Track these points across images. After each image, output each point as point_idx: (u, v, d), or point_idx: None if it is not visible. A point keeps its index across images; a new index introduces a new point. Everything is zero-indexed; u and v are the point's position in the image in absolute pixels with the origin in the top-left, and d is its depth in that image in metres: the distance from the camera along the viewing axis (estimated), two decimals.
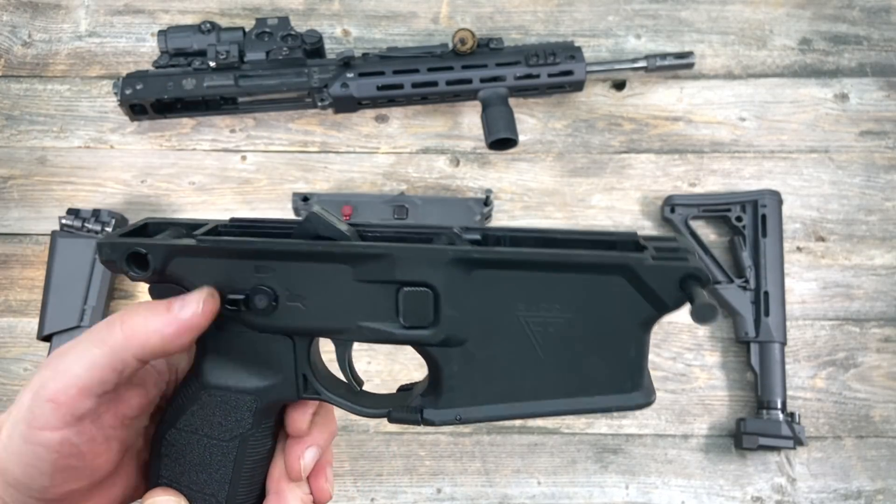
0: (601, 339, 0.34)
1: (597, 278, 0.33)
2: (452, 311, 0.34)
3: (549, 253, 0.33)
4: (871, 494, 0.87)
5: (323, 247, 0.34)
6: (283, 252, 0.34)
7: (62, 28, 1.03)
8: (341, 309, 0.35)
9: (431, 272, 0.34)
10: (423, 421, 0.36)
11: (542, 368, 0.35)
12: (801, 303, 0.92)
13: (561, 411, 0.36)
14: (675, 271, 0.32)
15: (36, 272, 0.92)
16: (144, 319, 0.34)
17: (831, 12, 1.04)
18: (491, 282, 0.34)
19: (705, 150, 0.98)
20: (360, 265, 0.34)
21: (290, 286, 0.35)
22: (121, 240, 0.35)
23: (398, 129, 0.99)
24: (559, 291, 0.33)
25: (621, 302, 0.33)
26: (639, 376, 0.35)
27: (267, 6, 1.04)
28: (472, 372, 0.35)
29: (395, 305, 0.35)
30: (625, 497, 0.87)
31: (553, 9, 1.04)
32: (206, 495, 0.38)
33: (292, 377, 0.37)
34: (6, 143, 0.98)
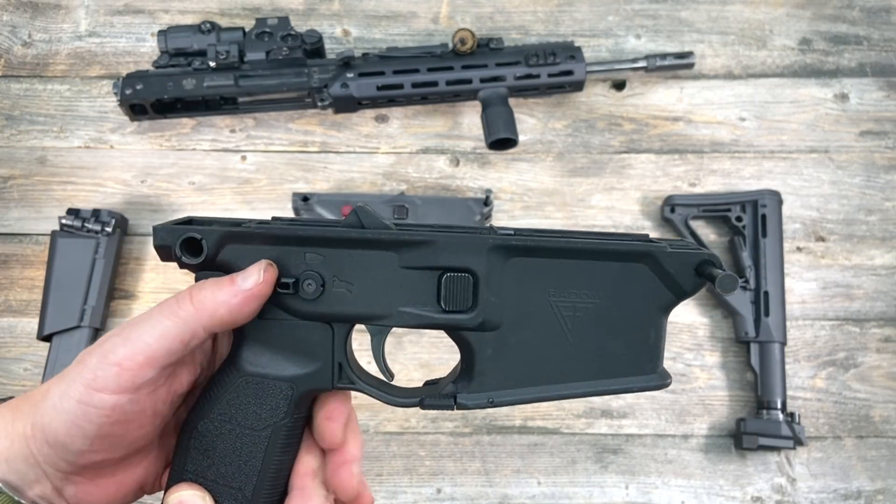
0: (624, 324, 0.37)
1: (622, 266, 0.36)
2: (490, 296, 0.36)
3: (580, 241, 0.36)
4: (870, 494, 0.87)
5: (373, 234, 0.36)
6: (335, 239, 0.36)
7: (62, 28, 1.03)
8: (385, 294, 0.37)
9: (472, 258, 0.36)
10: (457, 405, 0.38)
11: (570, 352, 0.37)
12: (801, 303, 0.92)
13: (586, 393, 0.38)
14: (693, 258, 0.36)
15: (36, 272, 0.92)
16: (212, 293, 0.35)
17: (831, 12, 1.04)
18: (526, 268, 0.36)
19: (705, 150, 0.98)
20: (407, 252, 0.36)
21: (337, 272, 0.36)
22: (176, 226, 0.36)
23: (398, 129, 0.99)
24: (588, 278, 0.36)
25: (643, 288, 0.36)
26: (657, 359, 0.38)
27: (267, 6, 1.04)
28: (504, 356, 0.37)
29: (436, 290, 0.36)
30: (625, 497, 0.87)
31: (553, 9, 1.04)
32: (232, 489, 0.38)
33: (329, 365, 0.38)
34: (6, 143, 0.98)
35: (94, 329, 0.87)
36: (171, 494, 0.38)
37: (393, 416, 0.89)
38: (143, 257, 0.93)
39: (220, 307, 0.35)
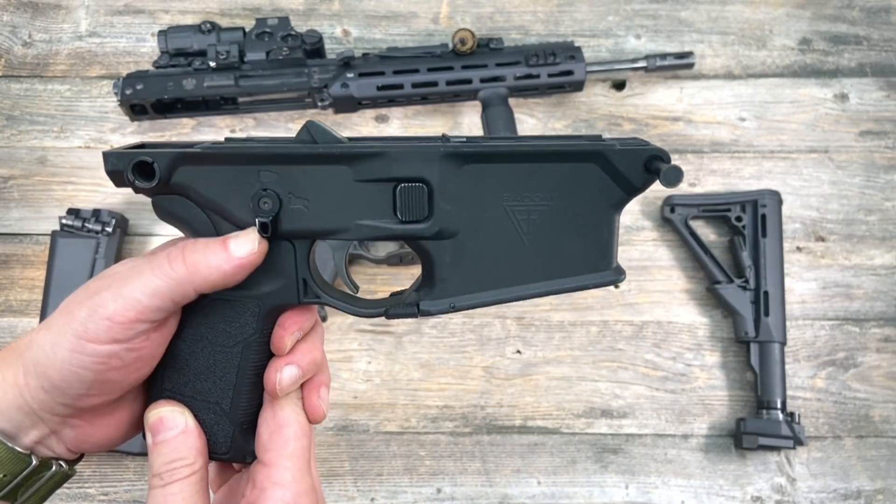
0: (578, 223, 0.38)
1: (573, 166, 0.37)
2: (445, 204, 0.37)
3: (531, 144, 0.37)
4: (870, 494, 0.87)
5: (324, 148, 0.36)
6: (287, 155, 0.36)
7: (62, 28, 1.03)
8: (342, 209, 0.37)
9: (425, 167, 0.36)
10: (420, 312, 0.39)
11: (527, 254, 0.38)
12: (801, 303, 0.92)
13: (544, 292, 0.39)
14: (641, 153, 0.37)
15: (36, 272, 0.92)
16: (204, 256, 0.36)
17: (831, 12, 1.04)
18: (479, 175, 0.37)
19: (705, 150, 0.98)
20: (359, 165, 0.36)
21: (293, 189, 0.36)
22: (126, 150, 0.36)
23: (398, 129, 0.99)
24: (540, 180, 0.37)
25: (595, 187, 0.37)
26: (611, 255, 0.40)
27: (267, 6, 1.04)
28: (463, 262, 0.38)
29: (391, 202, 0.37)
30: (625, 497, 0.87)
31: (553, 9, 1.04)
32: (210, 403, 0.39)
33: (294, 281, 0.39)
34: (6, 143, 0.98)
35: None
36: (149, 412, 0.39)
37: (393, 416, 0.89)
38: None
39: (212, 272, 0.36)
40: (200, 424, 0.39)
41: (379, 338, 0.91)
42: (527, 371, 0.90)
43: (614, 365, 0.91)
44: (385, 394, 0.89)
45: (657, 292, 0.93)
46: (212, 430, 0.39)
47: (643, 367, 0.91)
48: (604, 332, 0.91)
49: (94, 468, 0.87)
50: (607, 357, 0.91)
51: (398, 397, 0.89)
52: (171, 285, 0.35)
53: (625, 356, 0.91)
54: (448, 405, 0.89)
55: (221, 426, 0.39)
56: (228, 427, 0.40)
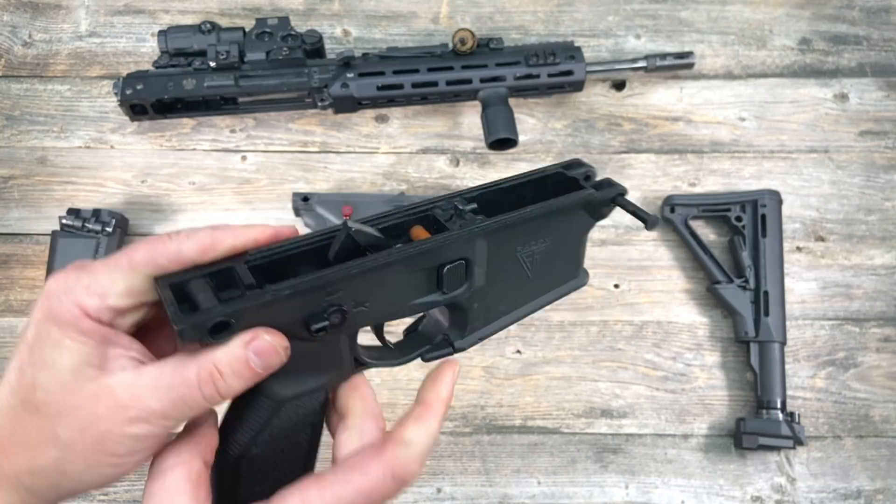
0: (564, 249, 0.46)
1: (568, 213, 0.45)
2: (478, 269, 0.42)
3: (543, 208, 0.43)
4: (870, 494, 0.87)
5: (385, 259, 0.38)
6: (352, 275, 0.37)
7: (62, 28, 1.03)
8: (397, 298, 0.41)
9: (465, 249, 0.41)
10: (455, 350, 0.44)
11: (530, 283, 0.46)
12: (801, 303, 0.92)
13: (538, 307, 0.48)
14: (610, 193, 0.45)
15: (36, 272, 0.92)
16: (238, 388, 0.35)
17: (831, 12, 1.04)
18: (501, 238, 0.42)
19: (705, 150, 0.98)
20: (414, 262, 0.39)
21: (356, 297, 0.39)
22: (198, 318, 0.34)
23: (398, 129, 0.99)
24: (544, 229, 0.44)
25: (576, 222, 0.46)
26: (581, 264, 0.49)
27: (267, 6, 1.04)
28: (486, 304, 0.44)
29: (437, 280, 0.41)
30: (625, 497, 0.87)
31: (553, 9, 1.04)
32: (282, 484, 0.39)
33: (350, 361, 0.41)
34: (7, 143, 0.98)
35: None
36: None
37: (393, 416, 0.89)
38: None
39: (242, 390, 0.36)
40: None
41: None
42: (527, 371, 0.90)
43: (614, 365, 0.91)
44: (385, 394, 0.89)
45: (657, 292, 0.93)
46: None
47: (643, 367, 0.91)
48: (604, 332, 0.91)
49: None
50: (607, 357, 0.91)
51: (398, 397, 0.89)
52: (202, 407, 0.35)
53: (625, 356, 0.91)
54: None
55: None
56: None
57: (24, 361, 0.34)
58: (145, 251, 0.35)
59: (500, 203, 0.44)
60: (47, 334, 0.34)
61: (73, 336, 0.34)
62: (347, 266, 0.37)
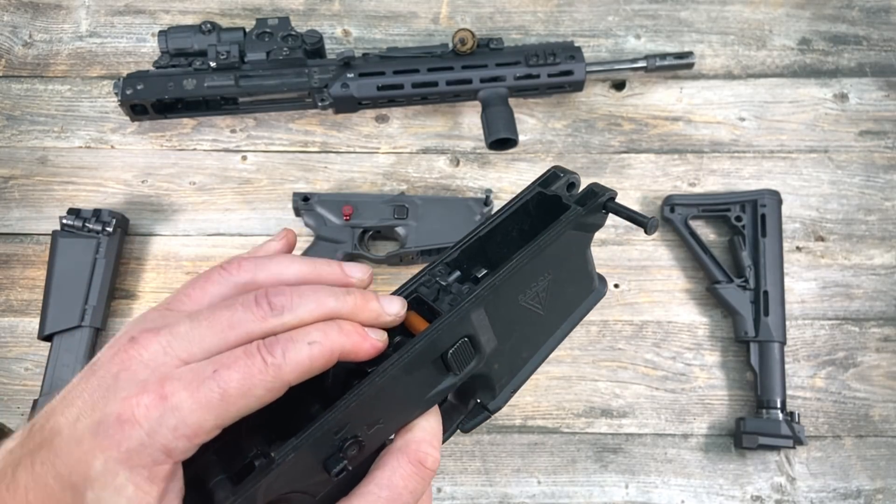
0: (569, 273, 0.43)
1: (559, 240, 0.41)
2: (485, 337, 0.39)
3: (530, 251, 0.40)
4: (870, 494, 0.87)
5: (383, 378, 0.35)
6: (354, 407, 0.34)
7: (63, 28, 1.03)
8: (409, 401, 0.38)
9: (462, 327, 0.38)
10: (492, 412, 0.43)
11: (545, 320, 0.43)
12: (801, 302, 0.92)
13: (565, 335, 0.44)
14: (599, 206, 0.42)
15: (37, 272, 0.92)
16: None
17: (831, 12, 1.04)
18: (497, 297, 0.39)
19: (705, 150, 0.98)
20: (412, 367, 0.36)
21: (367, 422, 0.36)
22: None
23: (398, 129, 0.99)
24: (539, 267, 0.41)
25: (572, 243, 0.42)
26: (593, 277, 0.45)
27: (267, 6, 1.05)
28: (506, 359, 0.42)
29: (444, 366, 0.38)
30: (625, 496, 0.87)
31: (553, 9, 1.04)
32: None
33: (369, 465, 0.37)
34: (7, 144, 0.98)
35: (95, 329, 0.87)
36: None
37: None
38: (143, 257, 0.94)
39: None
40: None
41: None
42: None
43: (614, 364, 0.91)
44: None
45: (657, 292, 0.93)
46: None
47: (643, 367, 0.91)
48: (604, 332, 0.91)
49: None
50: (607, 357, 0.91)
51: None
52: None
53: (625, 356, 0.91)
54: None
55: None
56: None
57: (78, 485, 0.29)
58: (239, 382, 0.30)
59: (485, 250, 0.41)
60: (113, 476, 0.29)
61: (141, 484, 0.29)
62: (345, 402, 0.34)
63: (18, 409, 0.87)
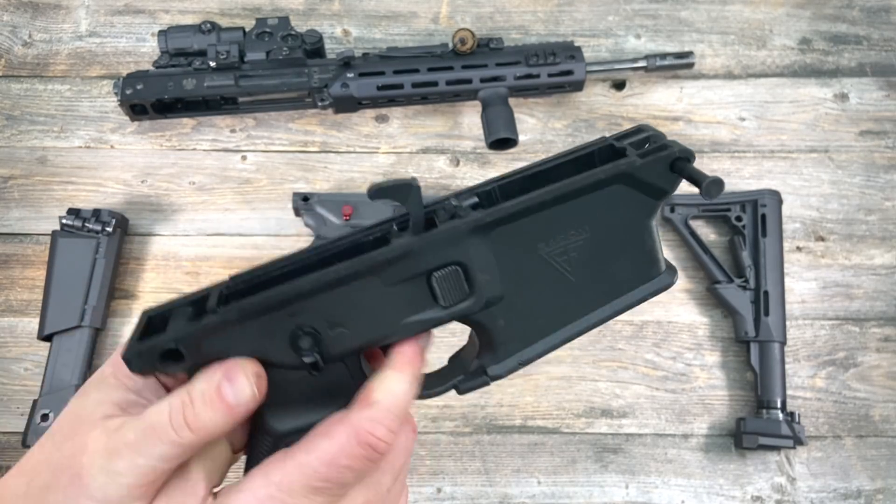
0: (618, 243, 0.37)
1: (599, 194, 0.35)
2: (483, 276, 0.35)
3: (550, 190, 0.35)
4: (870, 494, 0.87)
5: (346, 269, 0.33)
6: (310, 291, 0.33)
7: (62, 28, 1.03)
8: (382, 317, 0.35)
9: (454, 250, 0.34)
10: (491, 378, 0.38)
11: (577, 289, 0.37)
12: (801, 302, 0.92)
13: (605, 318, 0.38)
14: (665, 160, 0.35)
15: (36, 272, 0.92)
16: (210, 417, 0.33)
17: (831, 12, 1.04)
18: (508, 235, 0.35)
19: (705, 150, 0.98)
20: (386, 271, 0.34)
21: (328, 317, 0.34)
22: (145, 345, 0.33)
23: (398, 129, 0.99)
24: (570, 219, 0.36)
25: (624, 204, 0.36)
26: (658, 260, 0.38)
27: (267, 6, 1.04)
28: (517, 319, 0.37)
29: (430, 292, 0.35)
30: (625, 496, 0.87)
31: (553, 9, 1.04)
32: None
33: (353, 391, 0.36)
34: (7, 143, 0.98)
35: (95, 329, 0.87)
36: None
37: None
38: (143, 257, 0.93)
39: (220, 428, 0.33)
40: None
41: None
42: (527, 371, 0.90)
43: (614, 365, 0.91)
44: None
45: None
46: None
47: (643, 367, 0.91)
48: (604, 332, 0.91)
49: None
50: (607, 357, 0.91)
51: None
52: (183, 450, 0.33)
53: (625, 356, 0.91)
54: (448, 405, 0.89)
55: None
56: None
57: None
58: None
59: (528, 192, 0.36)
60: (102, 377, 0.35)
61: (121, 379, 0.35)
62: (298, 283, 0.33)
63: (18, 409, 0.87)
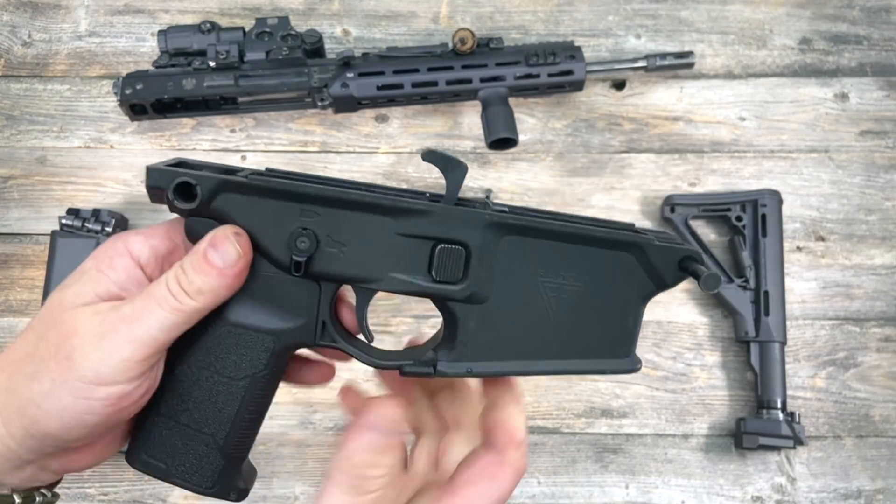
0: (605, 309, 0.38)
1: (610, 253, 0.37)
2: (481, 270, 0.37)
3: (573, 226, 0.37)
4: (870, 494, 0.87)
5: (372, 197, 0.36)
6: (333, 199, 0.36)
7: (62, 28, 1.03)
8: (376, 258, 0.37)
9: (468, 232, 0.36)
10: (437, 373, 0.38)
11: (551, 331, 0.38)
12: (801, 302, 0.92)
13: (560, 371, 0.39)
14: (677, 253, 0.37)
15: (36, 272, 0.92)
16: (205, 282, 0.35)
17: (831, 12, 1.04)
18: (518, 247, 0.37)
19: (705, 150, 0.98)
20: (404, 219, 0.36)
21: (332, 232, 0.36)
22: (169, 168, 0.35)
23: (398, 128, 0.99)
24: (576, 262, 0.37)
25: (627, 277, 0.38)
26: (632, 344, 0.39)
27: (267, 6, 1.04)
28: (487, 329, 0.38)
29: (428, 260, 0.37)
30: (625, 497, 0.87)
31: (553, 9, 1.04)
32: (204, 434, 0.38)
33: (313, 322, 0.38)
34: (6, 143, 0.98)
35: None
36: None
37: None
38: None
39: (218, 293, 0.35)
40: (189, 454, 0.38)
41: (379, 338, 0.91)
42: None
43: None
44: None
45: None
46: (200, 463, 0.38)
47: (643, 367, 0.91)
48: None
49: (95, 468, 0.87)
50: None
51: None
52: (184, 317, 0.35)
53: None
54: None
55: (211, 459, 0.38)
56: (219, 460, 0.38)
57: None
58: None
59: None
60: (83, 269, 0.38)
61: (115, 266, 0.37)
62: (325, 188, 0.36)
63: None
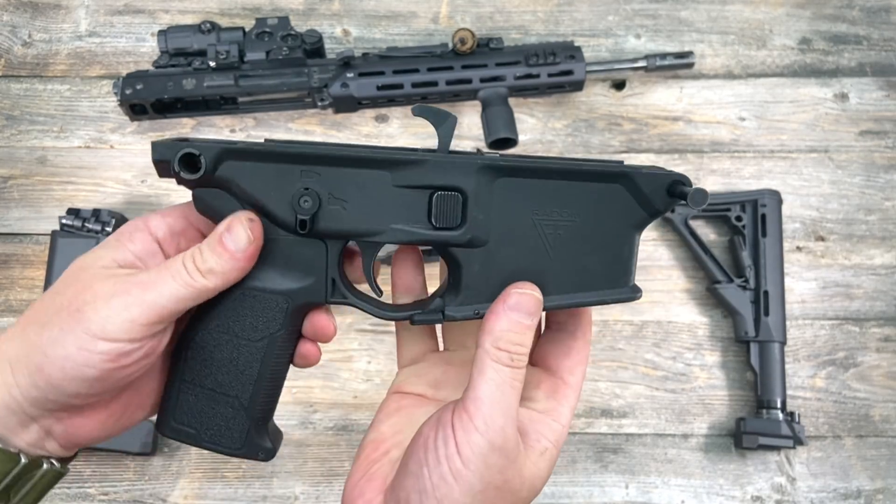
0: (601, 241, 0.40)
1: (601, 187, 0.39)
2: (478, 214, 0.38)
3: (562, 162, 0.39)
4: (870, 494, 0.87)
5: (368, 153, 0.37)
6: (330, 157, 0.37)
7: (62, 28, 1.03)
8: (378, 212, 0.38)
9: (462, 178, 0.38)
10: (445, 318, 0.40)
11: (551, 267, 0.40)
12: (801, 302, 0.92)
13: (564, 305, 0.40)
14: (665, 178, 0.39)
15: (36, 272, 0.92)
16: (218, 263, 0.37)
17: (831, 12, 1.04)
18: (511, 188, 0.38)
19: (705, 150, 0.98)
20: (400, 171, 0.38)
21: (333, 190, 0.38)
22: (174, 141, 0.38)
23: (398, 128, 0.99)
24: (569, 198, 0.39)
25: (619, 207, 0.39)
26: (630, 273, 0.41)
27: (267, 6, 1.04)
28: (490, 271, 0.40)
29: (427, 208, 0.39)
30: (625, 496, 0.87)
31: (553, 9, 1.04)
32: (229, 397, 0.40)
33: (323, 280, 0.40)
34: (6, 143, 0.98)
35: None
36: None
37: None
38: None
39: (228, 275, 0.37)
40: (216, 417, 0.40)
41: (379, 337, 0.91)
42: None
43: (614, 364, 0.91)
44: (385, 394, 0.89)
45: (657, 292, 0.93)
46: (228, 425, 0.40)
47: (643, 367, 0.91)
48: (604, 332, 0.91)
49: (94, 468, 0.87)
50: (607, 357, 0.91)
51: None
52: (195, 293, 0.37)
53: (625, 356, 0.91)
54: None
55: (238, 420, 0.40)
56: (245, 422, 0.40)
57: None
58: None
59: None
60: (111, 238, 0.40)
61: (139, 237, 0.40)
62: (322, 146, 0.38)
63: None
